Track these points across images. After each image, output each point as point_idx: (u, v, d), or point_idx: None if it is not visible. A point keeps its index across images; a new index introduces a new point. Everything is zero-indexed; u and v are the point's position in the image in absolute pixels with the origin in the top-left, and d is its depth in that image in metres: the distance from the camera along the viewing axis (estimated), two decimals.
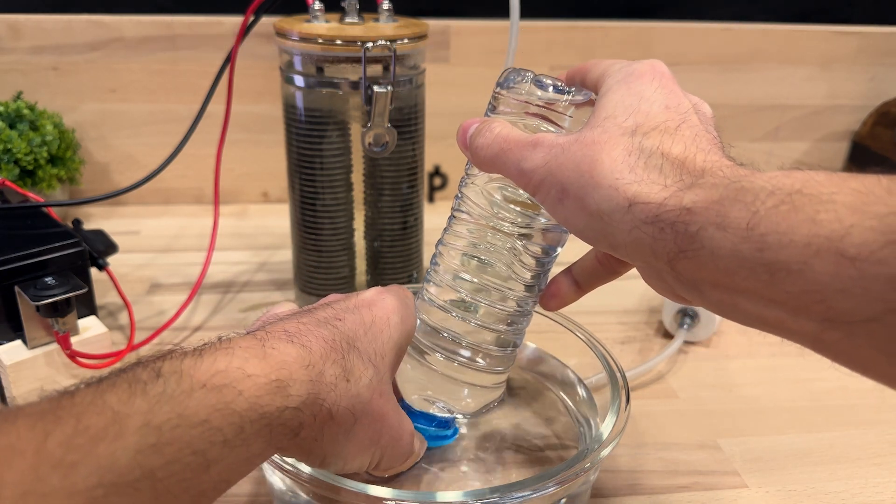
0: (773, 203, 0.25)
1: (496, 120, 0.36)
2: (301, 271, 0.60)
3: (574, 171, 0.30)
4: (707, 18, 0.86)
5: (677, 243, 0.27)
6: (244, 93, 0.77)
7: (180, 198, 0.86)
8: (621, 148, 0.30)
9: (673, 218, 0.27)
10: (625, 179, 0.29)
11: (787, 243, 0.24)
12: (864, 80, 0.89)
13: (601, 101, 0.33)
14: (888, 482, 0.46)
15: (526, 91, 0.36)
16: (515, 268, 0.38)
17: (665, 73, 0.33)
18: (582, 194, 0.30)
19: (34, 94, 0.78)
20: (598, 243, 0.32)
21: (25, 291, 0.47)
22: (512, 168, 0.34)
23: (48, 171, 0.72)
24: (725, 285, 0.27)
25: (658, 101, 0.32)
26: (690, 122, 0.31)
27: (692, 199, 0.27)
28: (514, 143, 0.34)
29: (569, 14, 0.85)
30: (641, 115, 0.31)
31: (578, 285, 0.40)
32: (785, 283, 0.24)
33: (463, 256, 0.39)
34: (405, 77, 0.53)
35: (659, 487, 0.44)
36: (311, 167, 0.55)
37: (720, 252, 0.26)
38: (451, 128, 0.38)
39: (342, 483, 0.33)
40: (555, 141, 0.32)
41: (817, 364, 0.58)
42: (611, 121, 0.31)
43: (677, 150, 0.29)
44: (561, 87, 0.36)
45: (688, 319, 0.59)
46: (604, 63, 0.36)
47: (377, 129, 0.53)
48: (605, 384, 0.42)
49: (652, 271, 0.31)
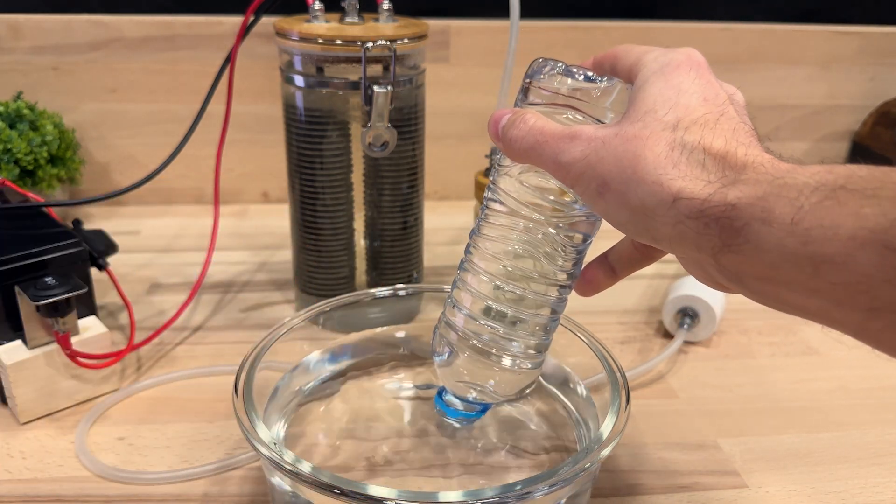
0: (818, 199, 0.25)
1: (529, 111, 0.35)
2: (301, 271, 0.60)
3: (616, 165, 0.30)
4: (707, 18, 0.86)
5: (722, 238, 0.28)
6: (244, 93, 0.77)
7: (180, 198, 0.86)
8: (664, 143, 0.30)
9: (718, 213, 0.28)
10: (669, 175, 0.29)
11: (832, 237, 0.25)
12: (864, 80, 0.89)
13: (639, 94, 0.33)
14: (888, 482, 0.46)
15: (557, 81, 0.36)
16: (553, 256, 0.38)
17: (701, 63, 0.33)
18: (624, 189, 0.30)
19: (34, 94, 0.78)
20: (640, 236, 0.32)
21: (25, 291, 0.47)
22: (548, 161, 0.33)
23: (48, 171, 0.72)
24: (770, 278, 0.27)
25: (696, 94, 0.32)
26: (728, 115, 0.31)
27: (737, 195, 0.27)
28: (550, 136, 0.33)
29: (569, 14, 0.85)
30: (681, 109, 0.31)
31: (614, 271, 0.39)
32: (830, 275, 0.25)
33: (500, 246, 0.39)
34: (405, 77, 0.53)
35: (659, 487, 0.44)
36: (311, 167, 0.55)
37: (765, 246, 0.26)
38: (452, 128, 0.38)
39: (342, 483, 0.33)
40: (594, 134, 0.32)
41: (817, 364, 0.58)
42: (651, 115, 0.31)
43: (718, 145, 0.29)
44: (592, 76, 0.35)
45: (688, 319, 0.59)
46: (636, 50, 0.35)
47: (377, 129, 0.53)
48: (605, 384, 0.42)
49: (694, 262, 0.32)
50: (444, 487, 0.41)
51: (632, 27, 0.84)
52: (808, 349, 0.59)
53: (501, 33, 0.62)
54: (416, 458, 0.43)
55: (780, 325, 0.62)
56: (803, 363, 0.58)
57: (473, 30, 0.81)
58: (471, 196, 0.62)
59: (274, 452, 0.35)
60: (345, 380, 0.50)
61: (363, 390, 0.49)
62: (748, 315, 0.63)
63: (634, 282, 0.69)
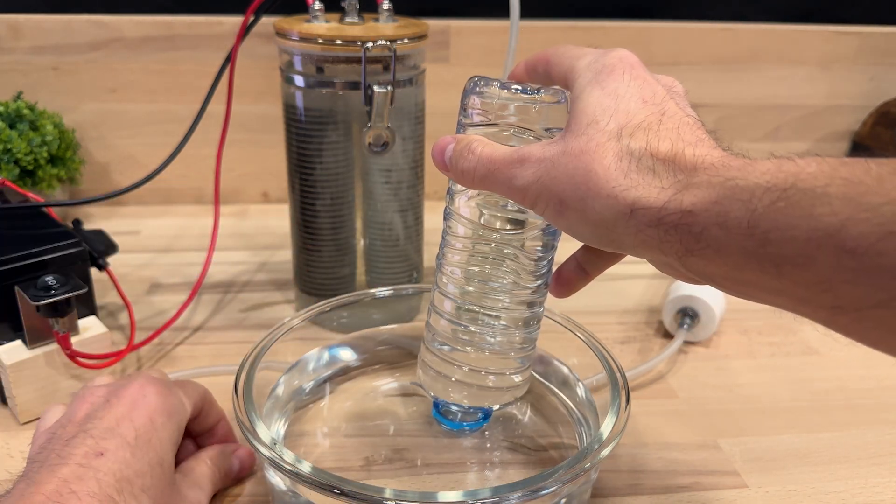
0: (770, 200, 0.25)
1: (474, 138, 0.35)
2: (301, 271, 0.60)
3: (569, 183, 0.31)
4: (707, 18, 0.86)
5: (684, 244, 0.28)
6: (244, 93, 0.77)
7: (180, 198, 0.86)
8: (611, 154, 0.30)
9: (675, 220, 0.28)
10: (622, 186, 0.29)
11: (790, 239, 0.25)
12: (864, 80, 0.89)
13: (578, 105, 0.32)
14: (888, 482, 0.46)
15: (495, 98, 0.36)
16: (517, 272, 0.38)
17: (635, 63, 0.33)
18: (582, 206, 0.30)
19: (34, 94, 0.78)
20: (606, 247, 0.32)
21: (25, 291, 0.47)
22: (503, 188, 0.33)
23: (48, 171, 0.72)
24: (736, 278, 0.28)
25: (634, 96, 0.31)
26: (670, 113, 0.31)
27: (692, 200, 0.28)
28: (500, 163, 0.33)
29: (569, 14, 0.84)
30: (622, 115, 0.31)
31: (585, 271, 0.39)
32: (792, 275, 0.25)
33: (463, 269, 0.39)
34: (405, 77, 0.53)
35: (659, 487, 0.44)
36: (310, 167, 0.55)
37: (726, 250, 0.27)
38: (452, 128, 0.38)
39: (342, 483, 0.33)
40: (542, 154, 0.32)
41: (817, 364, 0.58)
42: (593, 127, 0.31)
43: (665, 148, 0.29)
44: (528, 89, 0.35)
45: (688, 319, 0.59)
46: (568, 54, 0.35)
47: (377, 129, 0.53)
48: (605, 384, 0.42)
49: (662, 263, 0.32)
50: (444, 487, 0.41)
51: (631, 27, 0.84)
52: (808, 349, 0.59)
53: (501, 33, 0.62)
54: (415, 458, 0.43)
55: (780, 325, 0.62)
56: (803, 363, 0.58)
57: (473, 30, 0.81)
58: None
59: (274, 452, 0.35)
60: (344, 379, 0.50)
61: (363, 390, 0.49)
62: (748, 315, 0.63)
63: (634, 282, 0.69)
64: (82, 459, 0.33)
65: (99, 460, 0.33)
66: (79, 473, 0.32)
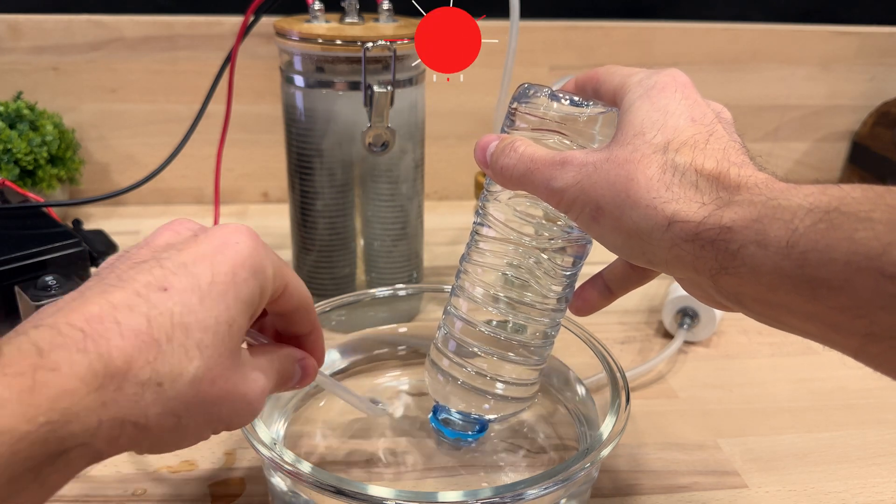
0: (812, 221, 0.25)
1: (518, 137, 0.35)
2: (301, 271, 0.60)
3: (608, 189, 0.30)
4: (707, 18, 0.86)
5: (718, 261, 0.28)
6: (244, 93, 0.77)
7: (180, 198, 0.86)
8: (655, 166, 0.30)
9: (713, 236, 0.28)
10: (662, 198, 0.29)
11: (828, 261, 0.24)
12: (864, 80, 0.89)
13: (626, 117, 0.33)
14: (888, 482, 0.46)
15: (543, 106, 0.36)
16: (544, 281, 0.38)
17: (686, 83, 0.33)
18: (618, 213, 0.30)
19: (34, 94, 0.78)
20: (635, 259, 0.32)
21: (25, 291, 0.47)
22: (540, 187, 0.33)
23: (48, 171, 0.72)
24: (768, 300, 0.27)
25: (684, 114, 0.32)
26: (718, 134, 0.31)
27: (731, 217, 0.27)
28: (541, 163, 0.33)
29: (569, 14, 0.84)
30: (670, 131, 0.31)
31: (609, 290, 0.39)
32: (827, 299, 0.25)
33: (490, 273, 0.39)
34: (405, 77, 0.53)
35: (659, 487, 0.44)
36: (310, 167, 0.55)
37: (762, 269, 0.26)
38: (452, 128, 0.38)
39: (343, 483, 0.33)
40: (584, 159, 0.32)
41: (817, 364, 0.58)
42: (640, 138, 0.31)
43: (710, 166, 0.29)
44: (578, 101, 0.36)
45: (688, 319, 0.59)
46: (620, 73, 0.35)
47: (377, 129, 0.53)
48: (605, 384, 0.42)
49: (692, 283, 0.32)
50: (444, 487, 0.41)
51: (631, 27, 0.84)
52: (808, 349, 0.59)
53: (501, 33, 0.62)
54: (415, 458, 0.43)
55: None
56: (803, 363, 0.58)
57: None
58: (471, 196, 0.62)
59: (274, 453, 0.35)
60: (344, 378, 0.50)
61: (363, 389, 0.49)
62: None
63: None
64: (141, 288, 0.27)
65: (160, 295, 0.27)
66: (131, 303, 0.27)
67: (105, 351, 0.25)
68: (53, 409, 0.23)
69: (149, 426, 0.26)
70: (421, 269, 0.62)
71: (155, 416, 0.26)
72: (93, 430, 0.24)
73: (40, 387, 0.23)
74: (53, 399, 0.23)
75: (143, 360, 0.26)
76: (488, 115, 0.36)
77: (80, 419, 0.24)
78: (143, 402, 0.25)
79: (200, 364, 0.27)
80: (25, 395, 0.22)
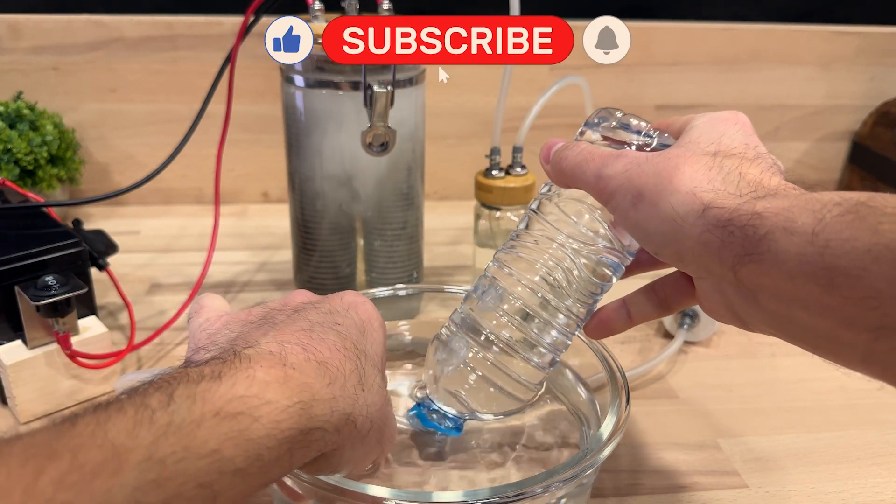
0: (839, 212, 0.26)
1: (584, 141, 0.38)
2: (301, 271, 0.60)
3: (653, 176, 0.33)
4: (707, 18, 0.86)
5: (744, 247, 0.29)
6: (244, 93, 0.77)
7: (180, 198, 0.86)
8: (703, 162, 0.32)
9: (744, 222, 0.29)
10: (703, 188, 0.31)
11: (849, 249, 0.25)
12: (864, 80, 0.89)
13: (685, 135, 0.35)
14: (888, 482, 0.46)
15: (615, 134, 0.39)
16: (577, 288, 0.39)
17: (746, 122, 0.36)
18: (658, 199, 0.32)
19: (34, 94, 0.78)
20: (664, 248, 0.33)
21: (25, 291, 0.47)
22: (591, 175, 0.35)
23: (48, 171, 0.72)
24: (783, 293, 0.28)
25: (738, 139, 0.34)
26: (764, 158, 0.33)
27: (764, 205, 0.29)
28: (598, 154, 0.36)
29: (569, 14, 0.84)
30: (723, 145, 0.34)
31: (630, 315, 0.41)
32: (843, 288, 0.26)
33: (526, 273, 0.39)
34: (405, 77, 0.53)
35: (659, 487, 0.44)
36: (310, 167, 0.55)
37: (784, 255, 0.27)
38: (452, 128, 0.38)
39: (343, 483, 0.33)
40: (639, 154, 0.34)
41: (817, 364, 0.58)
42: (694, 144, 0.34)
43: (753, 173, 0.32)
44: (647, 130, 0.38)
45: (688, 319, 0.59)
46: (687, 116, 0.38)
47: (377, 130, 0.53)
48: (605, 384, 0.42)
49: (711, 284, 0.33)
50: (444, 487, 0.41)
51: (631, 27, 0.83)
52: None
53: None
54: (415, 458, 0.43)
55: None
56: (803, 363, 0.58)
57: None
58: (471, 196, 0.62)
59: None
60: None
61: None
62: None
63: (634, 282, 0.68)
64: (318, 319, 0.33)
65: (336, 327, 0.33)
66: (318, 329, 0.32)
67: (324, 358, 0.30)
68: (302, 392, 0.28)
69: (357, 427, 0.31)
70: (421, 269, 0.62)
71: (361, 419, 0.31)
72: (327, 417, 0.29)
73: (289, 378, 0.28)
74: (301, 387, 0.28)
75: (350, 366, 0.31)
76: (488, 115, 0.36)
77: (320, 405, 0.28)
78: (357, 403, 0.31)
79: (380, 378, 0.34)
80: (282, 382, 0.28)
